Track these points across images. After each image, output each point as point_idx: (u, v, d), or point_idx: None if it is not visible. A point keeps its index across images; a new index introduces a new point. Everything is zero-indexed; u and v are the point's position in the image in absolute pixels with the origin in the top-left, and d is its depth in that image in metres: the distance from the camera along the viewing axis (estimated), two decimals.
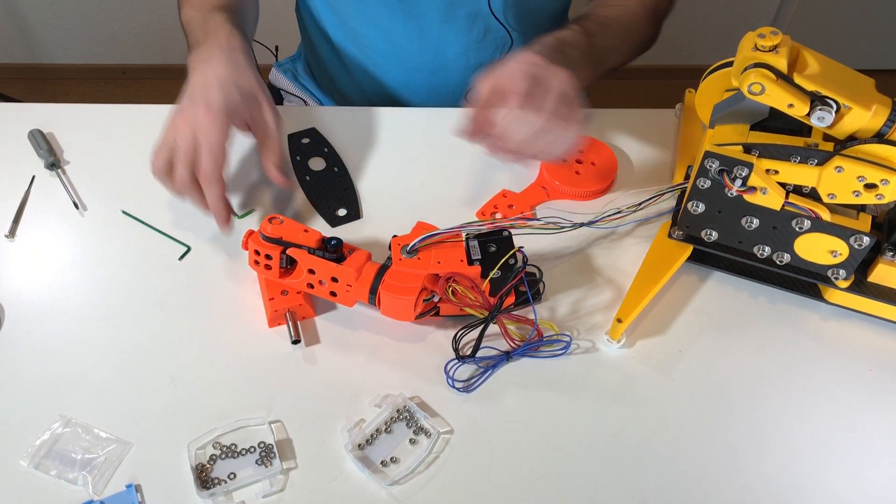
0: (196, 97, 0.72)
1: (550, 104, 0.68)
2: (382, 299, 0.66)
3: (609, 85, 0.91)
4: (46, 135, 0.85)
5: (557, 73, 0.69)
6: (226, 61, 0.74)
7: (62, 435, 0.62)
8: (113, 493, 0.59)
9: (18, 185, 0.81)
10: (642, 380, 0.67)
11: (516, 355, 0.68)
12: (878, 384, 0.67)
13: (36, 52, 2.21)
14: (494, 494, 0.60)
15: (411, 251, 0.67)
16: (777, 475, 0.62)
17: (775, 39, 0.64)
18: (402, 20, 0.92)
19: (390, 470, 0.61)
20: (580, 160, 0.83)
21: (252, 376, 0.66)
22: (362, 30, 0.96)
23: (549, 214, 0.78)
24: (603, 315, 0.71)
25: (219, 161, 0.70)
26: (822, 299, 0.72)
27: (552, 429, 0.64)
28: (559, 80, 0.69)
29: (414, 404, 0.64)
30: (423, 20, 0.92)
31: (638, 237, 0.78)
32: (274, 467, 0.61)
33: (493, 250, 0.68)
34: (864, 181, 0.63)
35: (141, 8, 2.10)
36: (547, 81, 0.68)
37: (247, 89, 0.74)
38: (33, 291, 0.72)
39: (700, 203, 0.69)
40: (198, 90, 0.72)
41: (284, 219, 0.68)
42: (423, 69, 0.98)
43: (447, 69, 0.98)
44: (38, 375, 0.66)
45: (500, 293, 0.66)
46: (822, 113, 0.62)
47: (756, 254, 0.70)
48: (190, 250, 0.76)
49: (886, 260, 0.67)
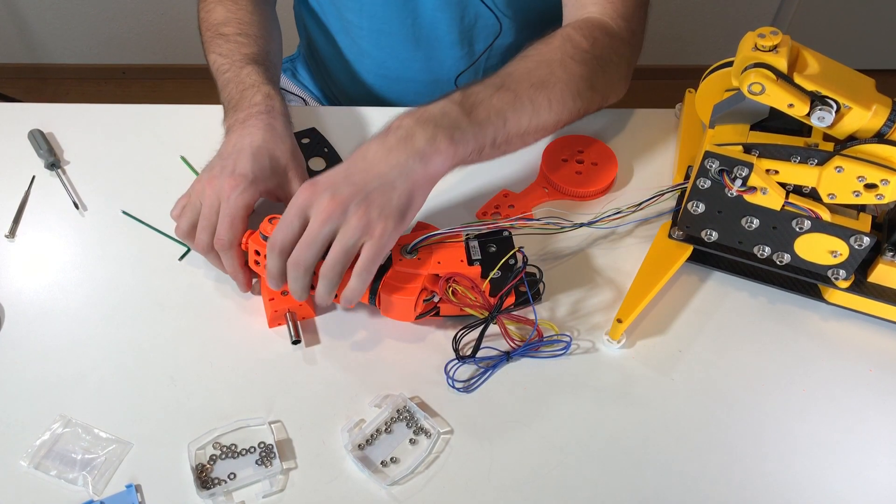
0: (226, 162, 0.69)
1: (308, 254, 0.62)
2: (382, 300, 0.66)
3: None
4: (46, 135, 0.85)
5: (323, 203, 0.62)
6: (263, 127, 0.72)
7: (62, 435, 0.62)
8: (113, 493, 0.59)
9: (18, 185, 0.81)
10: (642, 380, 0.67)
11: (516, 355, 0.68)
12: (878, 384, 0.67)
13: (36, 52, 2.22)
14: (494, 494, 0.60)
15: (411, 251, 0.67)
16: (777, 475, 0.62)
17: (775, 39, 0.64)
18: (395, 8, 0.92)
19: (390, 470, 0.61)
20: (580, 160, 0.83)
21: (252, 376, 0.67)
22: (357, 20, 0.96)
23: (549, 214, 0.78)
24: (603, 315, 0.71)
25: (237, 231, 0.67)
26: (822, 299, 0.72)
27: (552, 429, 0.64)
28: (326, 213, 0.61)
29: (414, 404, 0.64)
30: (417, 7, 0.92)
31: (638, 237, 0.78)
32: (274, 467, 0.61)
33: (493, 250, 0.68)
34: (864, 181, 0.63)
35: (141, 8, 2.10)
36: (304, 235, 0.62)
37: (279, 160, 0.72)
38: (33, 291, 0.72)
39: (700, 203, 0.69)
40: (229, 155, 0.70)
41: None
42: (418, 59, 0.98)
43: (441, 59, 0.97)
44: (38, 375, 0.66)
45: (500, 293, 0.66)
46: (822, 113, 0.62)
47: (756, 254, 0.70)
48: (190, 250, 0.76)
49: (886, 260, 0.67)
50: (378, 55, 0.99)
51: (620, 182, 0.84)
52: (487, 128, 0.67)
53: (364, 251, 0.62)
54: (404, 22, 0.94)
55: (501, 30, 0.95)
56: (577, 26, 0.76)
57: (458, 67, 0.98)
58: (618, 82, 0.79)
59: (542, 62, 0.72)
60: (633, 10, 0.80)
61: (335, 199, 0.61)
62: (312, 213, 0.62)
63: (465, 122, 0.66)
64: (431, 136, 0.64)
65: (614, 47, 0.77)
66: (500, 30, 0.94)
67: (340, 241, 0.62)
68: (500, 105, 0.68)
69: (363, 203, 0.61)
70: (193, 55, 0.86)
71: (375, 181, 0.62)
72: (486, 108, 0.67)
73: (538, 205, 0.81)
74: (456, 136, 0.65)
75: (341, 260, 0.62)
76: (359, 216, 0.61)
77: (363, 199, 0.62)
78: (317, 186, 0.63)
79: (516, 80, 0.70)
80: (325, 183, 0.63)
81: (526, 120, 0.70)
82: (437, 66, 0.98)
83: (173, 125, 0.88)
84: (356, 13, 0.95)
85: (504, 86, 0.69)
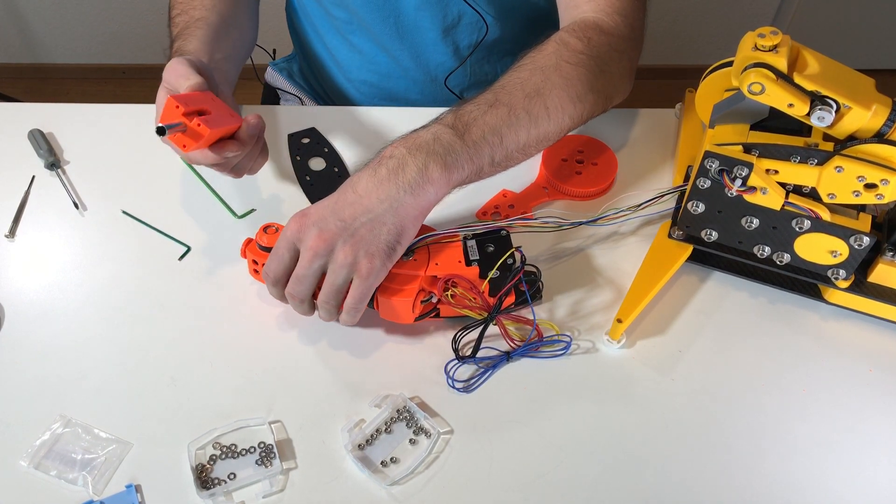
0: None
1: (302, 288, 0.63)
2: (380, 302, 0.66)
3: None
4: (46, 135, 0.85)
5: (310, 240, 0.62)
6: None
7: (62, 435, 0.62)
8: (113, 494, 0.59)
9: (18, 185, 0.81)
10: (642, 380, 0.67)
11: (516, 355, 0.68)
12: (878, 384, 0.67)
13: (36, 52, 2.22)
14: (494, 494, 0.60)
15: (408, 253, 0.67)
16: (777, 475, 0.62)
17: (775, 39, 0.64)
18: (376, 5, 0.92)
19: (390, 470, 0.61)
20: (580, 160, 0.83)
21: (252, 376, 0.66)
22: (343, 16, 0.96)
23: (548, 214, 0.78)
24: (603, 315, 0.71)
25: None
26: (822, 299, 0.72)
27: (552, 429, 0.64)
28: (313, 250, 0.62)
29: (414, 404, 0.64)
30: (399, 6, 0.92)
31: (638, 237, 0.78)
32: (274, 467, 0.61)
33: (491, 250, 0.68)
34: (864, 181, 0.63)
35: (141, 8, 2.10)
36: (302, 258, 0.62)
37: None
38: (33, 291, 0.72)
39: (700, 203, 0.69)
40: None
41: (279, 226, 0.68)
42: (406, 56, 0.97)
43: (427, 57, 0.97)
44: (38, 375, 0.66)
45: (499, 293, 0.66)
46: (822, 113, 0.62)
47: (756, 254, 0.70)
48: (190, 250, 0.76)
49: (886, 260, 0.67)
50: (369, 51, 0.99)
51: (620, 182, 0.84)
52: (483, 148, 0.66)
53: (352, 289, 0.63)
54: (387, 20, 0.94)
55: (487, 28, 0.94)
56: (571, 29, 0.74)
57: (447, 67, 0.98)
58: (620, 81, 0.77)
59: (535, 70, 0.70)
60: (629, 5, 0.78)
61: (322, 235, 0.61)
62: (301, 248, 0.62)
63: (458, 145, 0.64)
64: (423, 165, 0.63)
65: (612, 45, 0.75)
66: (486, 28, 0.94)
67: (329, 279, 0.62)
68: (494, 122, 0.66)
69: (349, 240, 0.61)
70: None
71: (364, 216, 0.62)
72: (479, 127, 0.66)
73: (538, 205, 0.81)
74: (449, 162, 0.63)
75: (333, 294, 0.63)
76: (345, 253, 0.61)
77: (350, 236, 0.61)
78: (305, 220, 0.63)
79: (509, 93, 0.68)
80: (314, 216, 0.63)
81: (524, 133, 0.68)
82: (426, 64, 0.98)
83: None
84: (342, 10, 0.95)
85: (497, 101, 0.68)
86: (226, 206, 0.80)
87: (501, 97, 0.68)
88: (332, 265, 0.62)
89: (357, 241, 0.61)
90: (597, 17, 0.77)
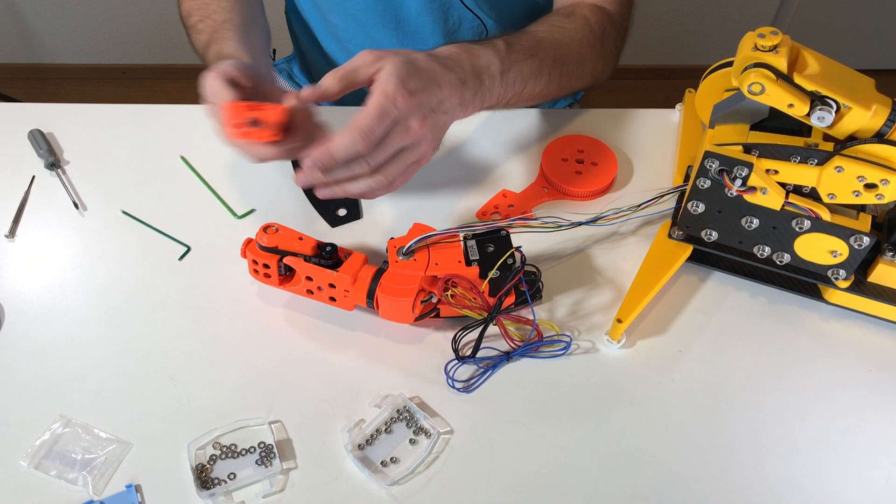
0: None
1: (381, 158, 0.64)
2: (380, 302, 0.66)
3: (609, 85, 0.90)
4: (46, 135, 0.86)
5: (413, 125, 0.64)
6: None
7: (62, 435, 0.62)
8: (113, 493, 0.59)
9: (18, 185, 0.81)
10: (642, 380, 0.67)
11: (516, 356, 0.68)
12: (878, 384, 0.67)
13: (36, 52, 2.22)
14: (494, 494, 0.60)
15: (407, 253, 0.67)
16: (777, 475, 0.62)
17: (775, 39, 0.64)
18: (378, 12, 0.92)
19: (390, 470, 0.61)
20: (580, 160, 0.83)
21: (252, 376, 0.67)
22: (342, 24, 0.96)
23: (548, 214, 0.78)
24: (603, 315, 0.71)
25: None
26: (822, 299, 0.72)
27: (552, 429, 0.64)
28: (410, 135, 0.64)
29: (414, 404, 0.64)
30: (400, 11, 0.92)
31: (638, 237, 0.78)
32: (274, 467, 0.61)
33: (490, 250, 0.68)
34: (864, 181, 0.63)
35: (141, 8, 2.10)
36: (394, 134, 0.64)
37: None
38: (33, 291, 0.72)
39: (700, 203, 0.69)
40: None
41: (279, 227, 0.68)
42: None
43: None
44: (38, 375, 0.66)
45: (499, 293, 0.66)
46: (822, 113, 0.62)
47: (756, 254, 0.70)
48: (190, 250, 0.76)
49: (886, 260, 0.67)
50: None
51: (620, 182, 0.84)
52: (510, 89, 0.72)
53: (400, 162, 0.66)
54: (388, 25, 0.94)
55: (487, 32, 0.95)
56: (593, 12, 0.81)
57: None
58: (607, 72, 0.84)
59: (566, 40, 0.78)
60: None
61: (423, 122, 0.64)
62: (404, 125, 0.64)
63: (498, 81, 0.70)
64: (476, 90, 0.69)
65: (615, 38, 0.83)
66: (486, 32, 0.95)
67: (405, 154, 0.65)
68: (528, 71, 0.73)
69: (432, 128, 0.66)
70: (193, 55, 0.86)
71: (443, 104, 0.66)
72: (517, 71, 0.72)
73: (538, 205, 0.81)
74: (485, 95, 0.70)
75: (404, 168, 0.66)
76: (423, 135, 0.65)
77: (433, 124, 0.65)
78: (411, 101, 0.63)
79: (544, 50, 0.75)
80: (417, 100, 0.64)
81: (538, 89, 0.75)
82: None
83: (173, 125, 0.88)
84: (341, 17, 0.95)
85: (535, 53, 0.74)
86: (226, 206, 0.80)
87: (538, 51, 0.74)
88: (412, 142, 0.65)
89: (437, 131, 0.67)
90: (605, 6, 0.83)
